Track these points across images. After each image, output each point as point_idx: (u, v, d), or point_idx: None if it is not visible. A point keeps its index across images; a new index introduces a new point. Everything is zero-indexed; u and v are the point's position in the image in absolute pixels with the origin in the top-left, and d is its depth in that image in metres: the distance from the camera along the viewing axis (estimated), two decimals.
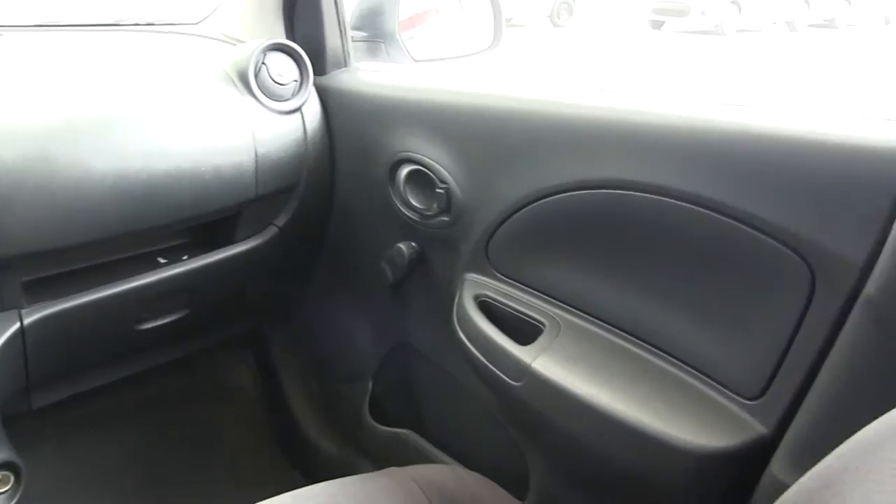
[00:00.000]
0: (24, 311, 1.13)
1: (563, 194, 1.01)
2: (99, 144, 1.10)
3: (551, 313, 1.07)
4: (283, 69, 1.30)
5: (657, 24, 14.56)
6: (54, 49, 1.43)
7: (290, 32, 1.44)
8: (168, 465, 1.69)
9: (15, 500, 1.25)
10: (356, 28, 1.49)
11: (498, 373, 1.06)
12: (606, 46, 12.00)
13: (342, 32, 1.40)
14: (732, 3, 13.52)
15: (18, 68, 1.25)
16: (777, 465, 0.80)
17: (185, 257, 1.30)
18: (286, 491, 1.01)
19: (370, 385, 1.50)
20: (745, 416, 0.87)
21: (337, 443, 1.63)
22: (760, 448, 0.84)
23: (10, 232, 1.03)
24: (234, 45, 1.46)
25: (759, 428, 0.85)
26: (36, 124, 1.07)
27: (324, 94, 1.36)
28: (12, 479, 1.25)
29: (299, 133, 1.31)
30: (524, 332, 1.07)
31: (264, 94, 1.27)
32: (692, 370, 0.93)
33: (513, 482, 1.12)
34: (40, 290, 1.17)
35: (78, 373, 1.38)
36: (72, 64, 1.32)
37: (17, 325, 1.12)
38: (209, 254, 1.31)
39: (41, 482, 1.32)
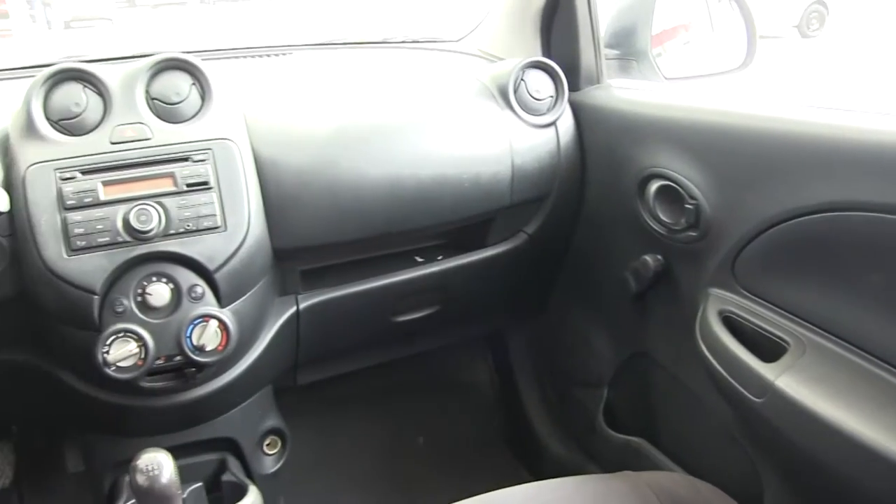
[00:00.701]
0: (300, 297, 1.30)
1: (814, 216, 0.99)
2: (375, 152, 1.23)
3: (797, 332, 1.04)
4: (540, 85, 1.37)
5: None
6: (335, 65, 1.60)
7: (547, 50, 1.51)
8: (403, 450, 1.82)
9: (281, 463, 1.42)
10: (609, 46, 1.53)
11: (739, 388, 1.05)
12: (863, 59, 11.11)
13: (596, 50, 1.45)
14: None
15: (306, 82, 1.42)
16: None
17: (439, 257, 1.41)
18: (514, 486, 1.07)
19: (605, 392, 1.53)
20: None
21: (567, 445, 1.68)
22: None
23: (297, 227, 1.19)
24: (492, 61, 1.56)
25: None
26: (322, 133, 1.22)
27: (577, 110, 1.41)
28: (279, 443, 1.42)
29: (553, 146, 1.37)
30: (768, 349, 1.05)
31: (522, 108, 1.35)
32: None
33: (744, 498, 1.11)
34: (315, 279, 1.33)
35: (337, 356, 1.53)
36: (350, 78, 1.47)
37: (294, 308, 1.29)
38: (462, 255, 1.41)
39: (297, 452, 1.48)
